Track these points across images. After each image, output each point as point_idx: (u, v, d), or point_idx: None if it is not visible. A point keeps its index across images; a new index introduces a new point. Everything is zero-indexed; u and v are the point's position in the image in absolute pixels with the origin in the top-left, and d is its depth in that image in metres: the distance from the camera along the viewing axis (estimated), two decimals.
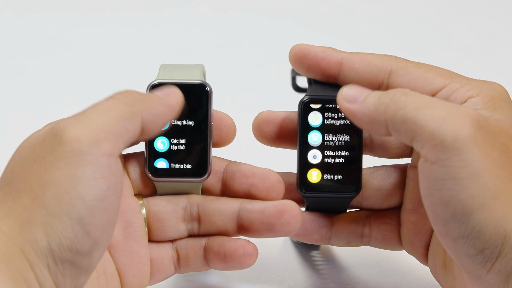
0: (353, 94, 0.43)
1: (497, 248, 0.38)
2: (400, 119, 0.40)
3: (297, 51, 0.47)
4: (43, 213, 0.37)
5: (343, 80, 0.47)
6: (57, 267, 0.37)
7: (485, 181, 0.38)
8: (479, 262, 0.39)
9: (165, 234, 0.48)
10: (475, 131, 0.39)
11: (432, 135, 0.39)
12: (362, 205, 0.51)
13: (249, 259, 0.47)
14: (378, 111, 0.41)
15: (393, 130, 0.41)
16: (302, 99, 0.48)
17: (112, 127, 0.39)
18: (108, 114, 0.40)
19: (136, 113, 0.41)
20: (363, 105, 0.42)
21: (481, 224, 0.38)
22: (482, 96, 0.43)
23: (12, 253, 0.36)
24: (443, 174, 0.38)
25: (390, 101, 0.41)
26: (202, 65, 0.50)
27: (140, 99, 0.42)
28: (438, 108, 0.39)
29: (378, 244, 0.50)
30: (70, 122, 0.39)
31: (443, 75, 0.45)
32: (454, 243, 0.39)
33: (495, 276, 0.39)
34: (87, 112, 0.40)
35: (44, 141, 0.39)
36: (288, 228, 0.46)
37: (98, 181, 0.38)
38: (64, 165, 0.38)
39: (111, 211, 0.39)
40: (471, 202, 0.38)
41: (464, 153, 0.38)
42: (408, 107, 0.40)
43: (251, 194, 0.48)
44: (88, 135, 0.38)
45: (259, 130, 0.49)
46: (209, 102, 0.48)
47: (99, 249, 0.39)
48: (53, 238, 0.37)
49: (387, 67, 0.46)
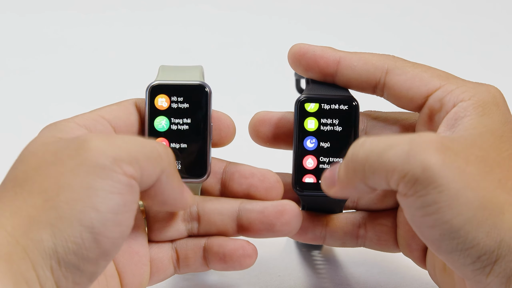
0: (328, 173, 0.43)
1: (493, 253, 0.38)
2: (370, 172, 0.39)
3: (296, 50, 0.47)
4: (53, 215, 0.37)
5: (340, 79, 0.47)
6: (60, 269, 0.37)
7: (467, 197, 0.38)
8: (477, 269, 0.39)
9: (165, 234, 0.48)
10: (442, 155, 0.38)
11: (402, 174, 0.38)
12: (358, 206, 0.51)
13: (248, 259, 0.47)
14: (350, 178, 0.41)
15: (373, 184, 0.40)
16: (298, 98, 0.48)
17: (139, 158, 0.39)
18: (139, 146, 0.40)
19: (161, 165, 0.40)
20: (339, 181, 0.42)
21: (472, 235, 0.38)
22: (473, 101, 0.43)
23: (14, 252, 0.36)
24: (423, 203, 0.38)
25: (352, 163, 0.40)
26: (201, 66, 0.50)
27: (170, 160, 0.41)
28: (399, 145, 0.39)
29: (373, 245, 0.50)
30: (100, 136, 0.39)
31: (439, 76, 0.45)
32: (450, 256, 0.39)
33: (495, 279, 0.39)
34: (120, 135, 0.40)
35: (68, 146, 0.39)
36: (288, 228, 0.46)
37: (115, 196, 0.38)
38: (84, 173, 0.37)
39: (124, 226, 0.39)
40: (458, 220, 0.38)
41: (438, 179, 0.38)
42: (371, 158, 0.39)
43: (250, 195, 0.48)
44: (114, 152, 0.38)
45: (255, 130, 0.49)
46: (209, 103, 0.48)
47: (106, 259, 0.38)
48: (59, 240, 0.36)
49: (384, 66, 0.46)
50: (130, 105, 0.47)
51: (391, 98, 0.47)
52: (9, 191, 0.39)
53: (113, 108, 0.46)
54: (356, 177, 0.40)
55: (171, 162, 0.41)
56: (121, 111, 0.47)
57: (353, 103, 0.48)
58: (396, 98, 0.47)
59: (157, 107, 0.47)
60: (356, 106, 0.48)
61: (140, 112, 0.48)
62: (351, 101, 0.48)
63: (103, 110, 0.46)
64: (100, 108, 0.46)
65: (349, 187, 0.41)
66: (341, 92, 0.48)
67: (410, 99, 0.46)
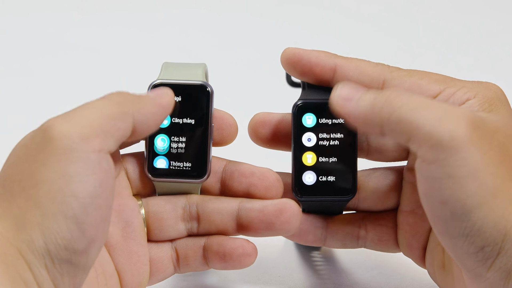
0: (348, 92, 0.43)
1: (497, 245, 0.38)
2: (396, 119, 0.40)
3: (290, 56, 0.47)
4: (38, 214, 0.37)
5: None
6: (54, 266, 0.37)
7: (483, 179, 0.38)
8: (479, 260, 0.39)
9: (164, 233, 0.48)
10: (471, 131, 0.38)
11: (429, 136, 0.38)
12: (358, 207, 0.50)
13: (248, 258, 0.47)
14: (374, 111, 0.41)
15: (388, 131, 0.41)
16: (296, 103, 0.48)
17: (102, 124, 0.39)
18: (98, 112, 0.40)
19: (127, 113, 0.41)
20: (358, 104, 0.42)
21: (480, 222, 0.38)
22: (479, 98, 0.43)
23: (9, 254, 0.36)
24: (441, 173, 0.38)
25: (385, 102, 0.41)
26: (204, 64, 0.50)
27: (131, 99, 0.42)
28: (434, 109, 0.39)
29: (374, 246, 0.50)
30: (59, 119, 0.39)
31: (437, 80, 0.45)
32: (454, 241, 0.39)
33: (495, 274, 0.39)
34: (76, 110, 0.40)
35: (33, 139, 0.39)
36: (288, 227, 0.46)
37: (90, 177, 0.38)
38: (55, 162, 0.38)
39: (104, 208, 0.39)
40: (470, 201, 0.38)
41: (462, 152, 0.38)
42: (404, 108, 0.40)
43: (250, 193, 0.48)
44: (78, 131, 0.38)
45: (254, 132, 0.49)
46: (210, 103, 0.48)
47: (95, 246, 0.39)
48: (49, 238, 0.37)
49: (381, 77, 0.46)
50: None
51: None
52: None
53: None
54: (379, 116, 0.41)
55: (131, 100, 0.42)
56: None
57: None
58: None
59: None
60: None
61: None
62: None
63: None
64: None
65: (363, 118, 0.42)
66: None
67: None
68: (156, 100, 0.43)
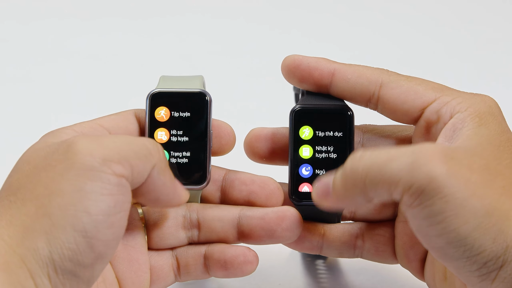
0: (321, 188, 0.43)
1: (499, 258, 0.38)
2: (371, 185, 0.39)
3: (290, 62, 0.47)
4: (47, 223, 0.37)
5: (335, 91, 0.47)
6: (57, 276, 0.37)
7: (472, 205, 0.38)
8: (483, 274, 0.38)
9: (165, 241, 0.48)
10: (447, 165, 0.38)
11: (408, 186, 0.38)
12: (355, 217, 0.50)
13: (249, 266, 0.47)
14: (349, 191, 0.41)
15: (372, 196, 0.40)
16: (293, 108, 0.48)
17: (128, 156, 0.39)
18: (127, 145, 0.40)
19: (151, 162, 0.40)
20: (334, 193, 0.42)
21: (479, 242, 0.38)
22: (470, 111, 0.43)
23: (12, 262, 0.36)
24: (429, 212, 0.38)
25: (351, 176, 0.40)
26: (202, 76, 0.50)
27: (160, 156, 0.41)
28: (401, 157, 0.39)
29: (370, 256, 0.50)
30: (86, 138, 0.39)
31: (434, 88, 0.45)
32: (455, 263, 0.39)
33: (500, 285, 0.38)
34: (107, 135, 0.40)
35: (56, 151, 0.39)
36: (289, 234, 0.46)
37: (106, 197, 0.38)
38: (73, 176, 0.38)
39: (117, 227, 0.39)
40: (464, 228, 0.38)
41: (444, 189, 0.38)
42: (372, 171, 0.39)
43: (251, 201, 0.48)
44: (102, 152, 0.38)
45: (250, 147, 0.49)
46: (209, 111, 0.48)
47: (102, 262, 0.38)
48: (55, 248, 0.37)
49: (378, 80, 0.46)
50: (129, 115, 0.47)
51: (385, 111, 0.47)
52: (4, 200, 0.39)
53: (112, 117, 0.47)
54: (355, 190, 0.40)
55: (161, 158, 0.41)
56: (121, 120, 0.47)
57: (348, 113, 0.48)
58: (391, 112, 0.47)
59: (156, 117, 0.47)
60: (351, 115, 0.48)
61: (139, 122, 0.48)
62: (346, 110, 0.48)
63: (103, 119, 0.46)
64: (99, 118, 0.46)
65: (346, 199, 0.41)
66: (336, 102, 0.48)
67: (405, 112, 0.46)
68: (176, 183, 0.43)
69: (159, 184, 0.41)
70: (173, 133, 0.48)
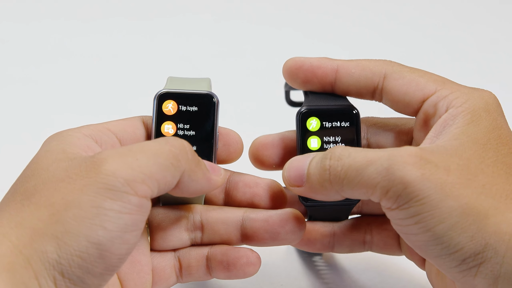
0: (294, 176, 0.44)
1: (478, 255, 0.39)
2: (349, 187, 0.41)
3: (292, 64, 0.48)
4: (59, 229, 0.37)
5: (339, 87, 0.48)
6: (64, 280, 0.37)
7: (448, 205, 0.39)
8: (464, 270, 0.39)
9: (168, 243, 0.48)
10: (422, 169, 0.39)
11: (385, 190, 0.39)
12: (362, 211, 0.51)
13: (252, 267, 0.47)
14: (324, 187, 0.42)
15: (348, 195, 0.42)
16: (300, 110, 0.48)
17: (152, 172, 0.39)
18: (153, 158, 0.39)
19: (179, 169, 0.40)
20: (309, 185, 0.43)
21: (455, 241, 0.39)
22: (464, 107, 0.43)
23: (17, 263, 0.36)
24: (406, 214, 0.39)
25: (330, 175, 0.41)
26: (209, 78, 0.50)
27: (188, 157, 0.41)
28: (378, 161, 0.40)
29: (379, 250, 0.51)
30: (113, 155, 0.39)
31: (435, 81, 0.46)
32: (435, 260, 0.40)
33: (482, 281, 0.39)
34: (133, 149, 0.40)
35: (80, 165, 0.39)
36: (293, 236, 0.46)
37: (125, 215, 0.38)
38: (93, 193, 0.37)
39: (131, 244, 0.39)
40: (440, 227, 0.39)
41: (420, 192, 0.39)
42: (350, 174, 0.40)
43: (254, 204, 0.48)
44: (126, 173, 0.38)
45: (258, 156, 0.50)
46: (216, 112, 0.48)
47: (112, 273, 0.39)
48: (64, 253, 0.36)
49: (382, 71, 0.47)
50: (137, 121, 0.47)
51: (389, 103, 0.47)
52: (17, 203, 0.39)
53: (120, 122, 0.47)
54: (331, 188, 0.42)
55: (190, 160, 0.41)
56: (128, 125, 0.47)
57: (354, 111, 0.48)
58: (394, 103, 0.47)
59: (164, 110, 0.47)
60: (357, 114, 0.48)
61: (147, 128, 0.48)
62: (352, 109, 0.48)
63: (110, 124, 0.46)
64: (107, 122, 0.46)
65: (320, 193, 0.43)
66: (341, 101, 0.48)
67: (407, 104, 0.46)
68: (208, 174, 0.43)
69: (192, 184, 0.42)
70: (180, 127, 0.48)
